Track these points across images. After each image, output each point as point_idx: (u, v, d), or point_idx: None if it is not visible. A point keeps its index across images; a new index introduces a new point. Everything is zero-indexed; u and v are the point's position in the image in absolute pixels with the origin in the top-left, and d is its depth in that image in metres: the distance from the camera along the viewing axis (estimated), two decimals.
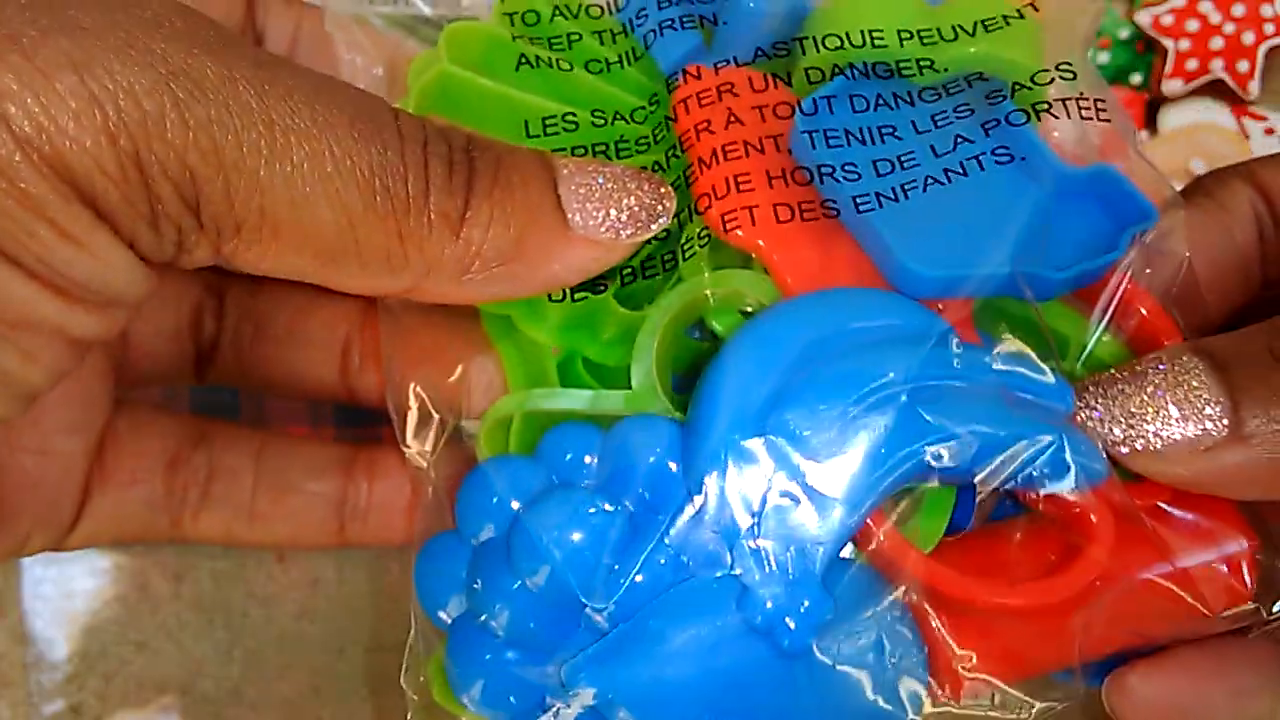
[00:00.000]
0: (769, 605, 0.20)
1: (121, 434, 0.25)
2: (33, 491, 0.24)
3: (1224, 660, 0.22)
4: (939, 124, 0.23)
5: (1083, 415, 0.20)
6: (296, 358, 0.27)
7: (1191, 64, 0.42)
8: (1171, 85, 0.42)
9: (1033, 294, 0.22)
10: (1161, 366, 0.20)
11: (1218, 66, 0.42)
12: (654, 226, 0.21)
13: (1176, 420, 0.20)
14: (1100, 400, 0.21)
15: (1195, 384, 0.20)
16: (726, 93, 0.23)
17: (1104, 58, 0.43)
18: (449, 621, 0.23)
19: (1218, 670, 0.22)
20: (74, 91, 0.17)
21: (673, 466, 0.21)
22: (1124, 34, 0.43)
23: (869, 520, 0.21)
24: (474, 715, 0.22)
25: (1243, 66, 0.42)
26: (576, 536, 0.21)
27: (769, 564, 0.20)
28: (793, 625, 0.20)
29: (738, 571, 0.20)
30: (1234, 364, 0.20)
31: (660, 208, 0.21)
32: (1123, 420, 0.20)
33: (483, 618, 0.22)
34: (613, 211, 0.21)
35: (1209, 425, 0.19)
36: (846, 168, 0.22)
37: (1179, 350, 0.20)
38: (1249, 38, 0.42)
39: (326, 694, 0.37)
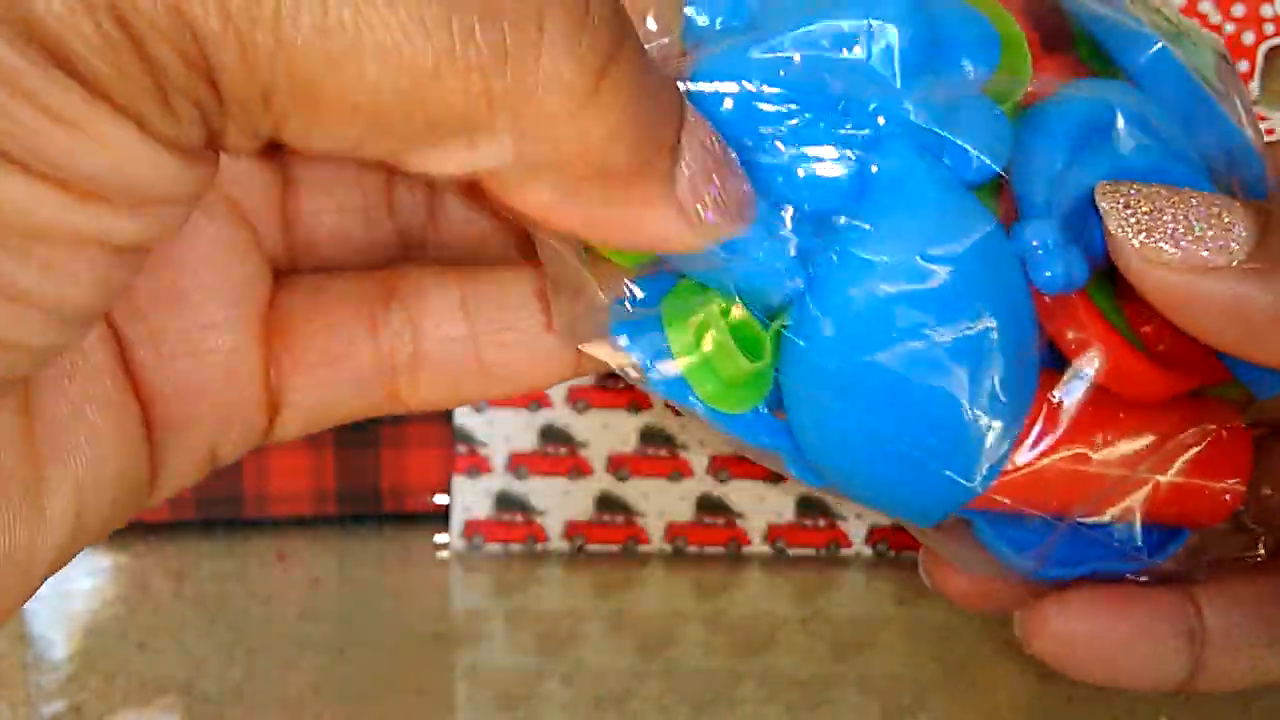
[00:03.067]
0: (1035, 244, 0.20)
1: (298, 311, 0.22)
2: (198, 398, 0.21)
3: (1132, 601, 0.23)
4: None
5: (1108, 206, 0.21)
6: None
7: None
8: None
9: None
10: (1203, 192, 0.21)
11: None
12: (736, 228, 0.18)
13: (1200, 231, 0.20)
14: (1136, 197, 0.21)
15: (1230, 210, 0.20)
16: None
17: None
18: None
19: (1127, 611, 0.23)
20: None
21: None
22: None
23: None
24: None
25: (1243, 66, 0.42)
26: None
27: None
28: (1049, 274, 0.20)
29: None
30: (1271, 211, 0.21)
31: (749, 211, 0.19)
32: (1149, 220, 0.20)
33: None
34: (714, 190, 0.18)
35: (1232, 244, 0.20)
36: None
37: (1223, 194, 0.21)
38: (1249, 38, 0.42)
39: (326, 694, 0.37)
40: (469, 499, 0.43)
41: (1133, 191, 0.21)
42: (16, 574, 0.18)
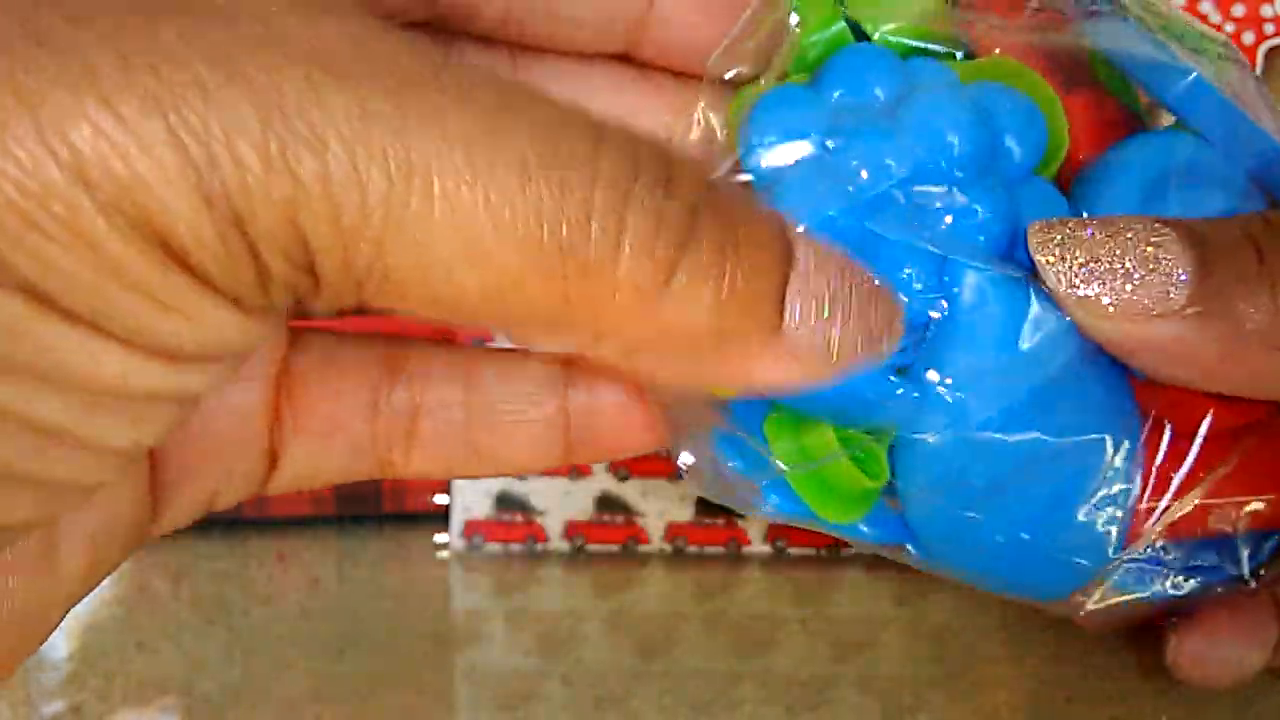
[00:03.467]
0: None
1: (307, 375, 0.22)
2: (206, 454, 0.21)
3: (1242, 617, 0.25)
4: None
5: (1043, 259, 0.20)
6: None
7: None
8: None
9: None
10: (1137, 225, 0.20)
11: None
12: (864, 361, 0.18)
13: (1139, 278, 0.19)
14: (1070, 245, 0.20)
15: (1167, 248, 0.19)
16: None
17: None
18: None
19: (1241, 627, 0.25)
20: (161, 140, 0.14)
21: None
22: None
23: None
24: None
25: None
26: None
27: None
28: None
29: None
30: (1209, 242, 0.20)
31: (884, 346, 0.18)
32: (1083, 265, 0.20)
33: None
34: (837, 326, 0.17)
35: (1171, 291, 0.19)
36: None
37: (1153, 219, 0.20)
38: (1249, 38, 0.42)
39: (326, 694, 0.37)
40: (469, 499, 0.43)
41: (1067, 238, 0.20)
42: (33, 627, 0.19)
